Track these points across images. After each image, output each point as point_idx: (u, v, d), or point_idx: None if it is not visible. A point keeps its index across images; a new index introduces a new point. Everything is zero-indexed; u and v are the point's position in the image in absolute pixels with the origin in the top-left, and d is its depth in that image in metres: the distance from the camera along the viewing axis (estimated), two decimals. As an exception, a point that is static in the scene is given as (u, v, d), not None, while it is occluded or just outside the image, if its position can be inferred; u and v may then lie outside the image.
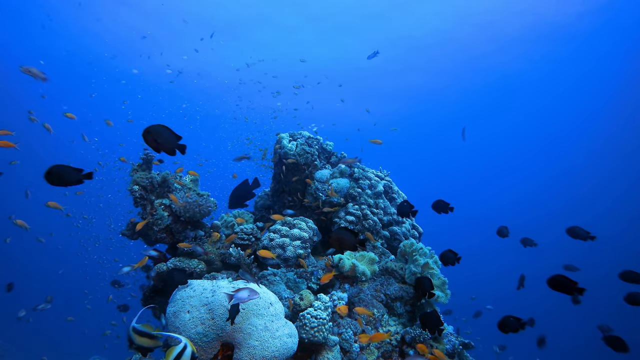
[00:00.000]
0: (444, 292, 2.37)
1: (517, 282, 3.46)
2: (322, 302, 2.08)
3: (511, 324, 1.98)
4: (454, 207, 2.47)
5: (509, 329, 1.99)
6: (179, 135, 1.57)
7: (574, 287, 1.87)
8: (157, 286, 2.51)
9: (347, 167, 3.22)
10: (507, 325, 2.00)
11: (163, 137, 1.55)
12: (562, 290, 1.93)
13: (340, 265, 2.42)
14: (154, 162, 2.75)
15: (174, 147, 1.58)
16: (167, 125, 1.56)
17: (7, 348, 7.82)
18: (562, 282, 1.92)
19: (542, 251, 16.16)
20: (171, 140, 1.56)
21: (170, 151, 1.58)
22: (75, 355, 7.99)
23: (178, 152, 1.60)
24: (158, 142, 1.54)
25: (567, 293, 1.91)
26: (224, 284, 1.95)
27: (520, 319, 1.96)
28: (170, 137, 1.56)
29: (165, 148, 1.56)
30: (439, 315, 2.08)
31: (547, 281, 1.97)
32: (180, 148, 1.60)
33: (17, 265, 14.79)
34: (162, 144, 1.55)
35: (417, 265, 2.44)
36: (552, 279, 1.96)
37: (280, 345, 1.74)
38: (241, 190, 2.94)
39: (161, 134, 1.54)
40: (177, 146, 1.59)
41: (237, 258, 2.51)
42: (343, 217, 2.91)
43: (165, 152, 1.58)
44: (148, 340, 1.70)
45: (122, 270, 2.63)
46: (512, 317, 1.99)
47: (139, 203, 2.57)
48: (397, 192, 3.40)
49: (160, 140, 1.54)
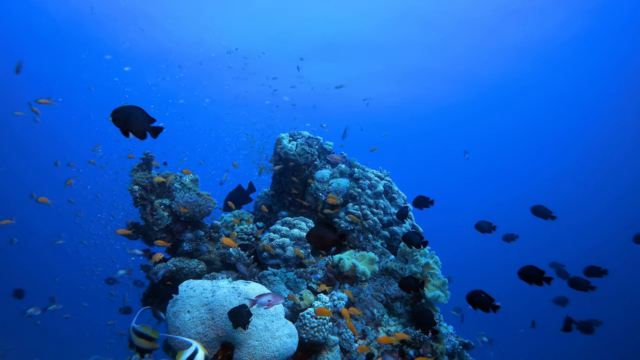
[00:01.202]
0: (444, 292, 2.37)
1: (516, 283, 3.47)
2: (322, 302, 2.08)
3: (481, 300, 1.88)
4: (434, 200, 2.50)
5: (478, 306, 1.90)
6: (153, 118, 1.42)
7: (541, 277, 1.93)
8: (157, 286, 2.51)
9: (347, 167, 3.22)
10: (476, 301, 1.90)
11: (133, 118, 1.39)
12: (531, 281, 1.97)
13: (340, 265, 2.42)
14: (152, 162, 2.75)
15: (144, 129, 1.42)
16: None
17: (7, 348, 7.82)
18: (531, 273, 1.97)
19: (542, 251, 16.04)
20: (142, 122, 1.40)
21: (140, 133, 1.42)
22: (75, 355, 7.99)
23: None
24: (127, 123, 1.38)
25: (537, 283, 1.95)
26: (224, 284, 1.94)
27: (492, 299, 1.88)
28: (142, 117, 1.40)
29: (135, 130, 1.40)
30: (433, 315, 2.08)
31: (517, 272, 2.01)
32: (152, 131, 1.44)
33: (17, 266, 14.80)
34: (132, 125, 1.39)
35: (418, 265, 2.44)
36: (522, 270, 2.01)
37: (280, 345, 1.74)
38: (236, 195, 2.95)
39: (131, 115, 1.39)
40: (149, 128, 1.43)
41: (237, 258, 2.51)
42: (343, 217, 2.91)
43: (135, 135, 1.42)
44: (146, 342, 1.70)
45: (117, 273, 2.63)
46: (484, 293, 1.88)
47: (139, 203, 2.57)
48: (397, 192, 3.40)
49: (130, 121, 1.39)
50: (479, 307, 1.88)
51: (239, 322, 1.57)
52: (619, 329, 13.05)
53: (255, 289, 1.93)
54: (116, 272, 2.65)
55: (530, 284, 1.97)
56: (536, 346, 13.27)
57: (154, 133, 1.45)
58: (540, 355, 13.10)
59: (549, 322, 5.92)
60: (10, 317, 8.62)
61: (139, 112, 1.40)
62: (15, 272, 14.33)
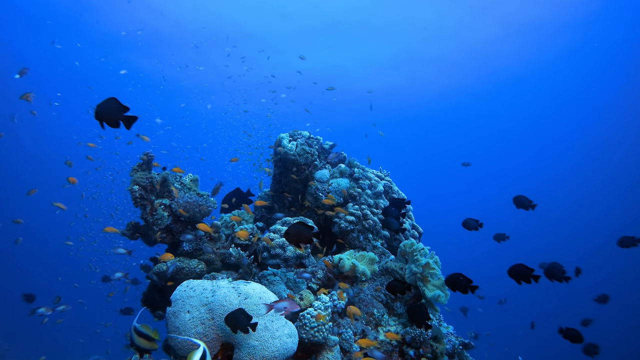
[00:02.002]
0: (444, 292, 2.36)
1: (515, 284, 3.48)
2: (322, 302, 2.08)
3: (460, 283, 1.97)
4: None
5: (457, 288, 1.99)
6: (126, 107, 1.41)
7: (530, 274, 1.98)
8: (157, 286, 2.51)
9: (347, 167, 3.22)
10: (455, 284, 1.99)
11: (105, 106, 1.39)
12: (520, 278, 2.01)
13: (340, 265, 2.42)
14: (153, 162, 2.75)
15: (117, 118, 1.41)
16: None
17: (7, 348, 7.82)
18: (520, 271, 2.02)
19: (542, 250, 16.05)
20: (114, 110, 1.39)
21: (113, 122, 1.41)
22: (76, 355, 7.99)
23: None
24: (99, 111, 1.38)
25: (525, 281, 2.00)
26: (224, 284, 1.94)
27: (471, 281, 1.96)
28: (114, 106, 1.40)
29: (107, 118, 1.40)
30: (426, 309, 2.09)
31: (507, 271, 2.06)
32: (125, 120, 1.43)
33: (18, 266, 14.81)
34: (104, 113, 1.39)
35: (418, 265, 2.44)
36: (512, 269, 2.05)
37: (280, 345, 1.74)
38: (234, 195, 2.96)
39: (103, 103, 1.39)
40: (122, 118, 1.41)
41: (237, 258, 2.51)
42: (343, 217, 2.91)
43: (107, 124, 1.41)
44: (145, 342, 1.71)
45: (114, 275, 2.62)
46: (463, 276, 1.97)
47: (139, 203, 2.57)
48: (397, 192, 3.40)
49: (102, 110, 1.38)
50: (458, 289, 1.98)
51: (237, 327, 1.55)
52: (621, 329, 13.06)
53: (255, 289, 1.92)
54: (113, 275, 2.64)
55: (519, 282, 2.01)
56: (536, 347, 13.27)
57: (127, 123, 1.44)
58: (540, 355, 13.11)
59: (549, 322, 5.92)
60: (10, 317, 8.62)
61: (111, 101, 1.40)
62: (15, 272, 14.34)
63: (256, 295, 1.87)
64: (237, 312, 1.55)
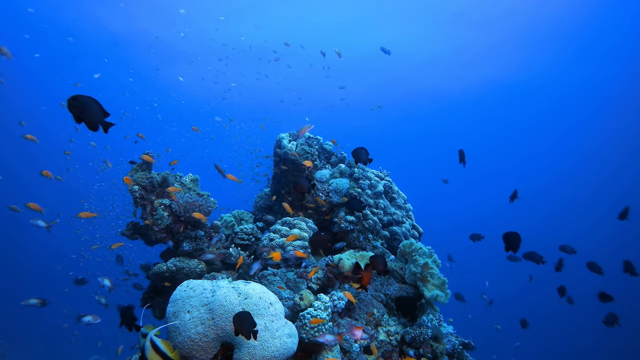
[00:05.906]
0: (443, 291, 2.36)
1: (517, 284, 3.51)
2: (322, 302, 2.08)
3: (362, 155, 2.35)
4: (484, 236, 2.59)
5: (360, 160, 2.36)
6: (107, 112, 1.49)
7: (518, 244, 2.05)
8: (157, 286, 2.51)
9: (347, 167, 3.22)
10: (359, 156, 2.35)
11: (89, 110, 1.45)
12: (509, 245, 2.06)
13: (340, 265, 2.42)
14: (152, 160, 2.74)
15: (98, 123, 1.48)
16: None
17: (7, 348, 7.81)
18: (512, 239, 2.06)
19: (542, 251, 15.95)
20: (96, 115, 1.46)
21: (93, 125, 1.48)
22: (75, 355, 7.99)
23: None
24: (82, 112, 1.44)
25: (513, 250, 2.06)
26: (224, 284, 1.94)
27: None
28: (97, 111, 1.46)
29: (88, 121, 1.46)
30: (414, 300, 2.12)
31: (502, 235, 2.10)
32: (104, 125, 1.51)
33: (17, 266, 14.80)
34: (87, 116, 1.45)
35: (417, 265, 2.44)
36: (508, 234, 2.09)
37: (280, 345, 1.74)
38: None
39: (88, 106, 1.45)
40: (102, 123, 1.50)
41: (237, 258, 2.51)
42: (343, 217, 2.91)
43: (87, 126, 1.48)
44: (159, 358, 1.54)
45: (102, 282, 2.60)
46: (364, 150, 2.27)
47: (139, 203, 2.57)
48: (397, 192, 3.40)
49: (85, 113, 1.44)
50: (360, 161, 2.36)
51: (242, 331, 1.51)
52: (619, 329, 13.03)
53: (255, 289, 1.92)
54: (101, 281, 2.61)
55: (507, 250, 2.07)
56: (535, 348, 13.27)
57: (105, 127, 1.52)
58: (540, 355, 13.11)
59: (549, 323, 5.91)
60: (10, 317, 8.61)
61: (96, 106, 1.46)
62: (14, 273, 14.33)
63: (256, 295, 1.86)
64: (245, 315, 1.52)
